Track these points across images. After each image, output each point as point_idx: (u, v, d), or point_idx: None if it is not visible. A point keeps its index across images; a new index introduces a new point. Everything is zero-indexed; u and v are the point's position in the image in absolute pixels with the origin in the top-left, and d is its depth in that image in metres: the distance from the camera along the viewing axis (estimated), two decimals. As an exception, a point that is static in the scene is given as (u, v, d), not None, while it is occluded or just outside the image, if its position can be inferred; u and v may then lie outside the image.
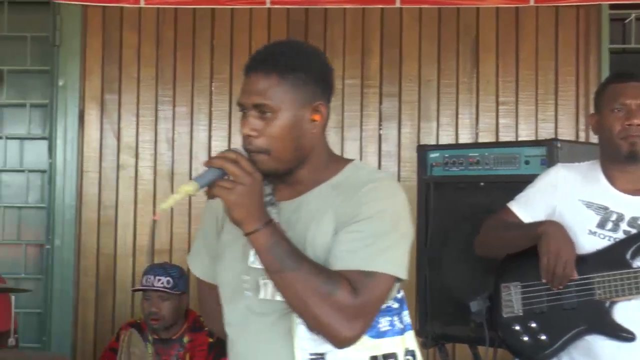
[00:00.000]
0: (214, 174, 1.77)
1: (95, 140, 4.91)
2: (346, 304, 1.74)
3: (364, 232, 1.80)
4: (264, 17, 4.79)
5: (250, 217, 1.76)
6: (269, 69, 1.87)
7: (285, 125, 1.85)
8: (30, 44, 5.03)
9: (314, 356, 1.82)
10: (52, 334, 4.85)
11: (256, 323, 1.91)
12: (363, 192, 1.85)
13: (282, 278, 1.76)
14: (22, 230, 5.08)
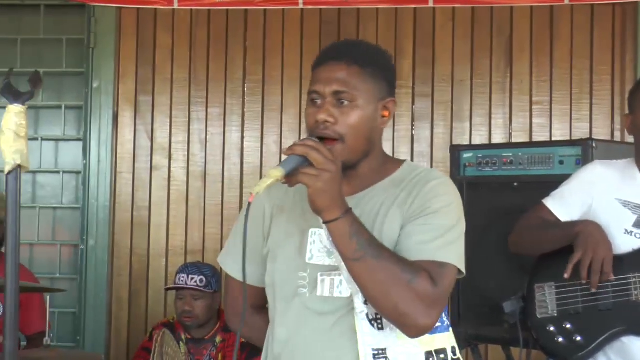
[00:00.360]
0: (297, 161, 1.77)
1: (129, 141, 4.94)
2: (426, 292, 1.78)
3: (434, 225, 1.86)
4: (297, 17, 4.79)
5: (333, 204, 1.77)
6: (350, 60, 1.93)
7: (362, 116, 1.91)
8: (65, 47, 5.07)
9: (376, 351, 1.86)
10: (86, 333, 4.89)
11: (314, 321, 1.93)
12: (429, 187, 1.91)
13: (363, 266, 1.77)
14: (57, 230, 5.13)
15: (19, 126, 1.53)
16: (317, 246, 1.94)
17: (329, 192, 1.76)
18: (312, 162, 1.76)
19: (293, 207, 2.02)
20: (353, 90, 1.90)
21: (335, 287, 1.90)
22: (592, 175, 2.73)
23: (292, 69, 4.78)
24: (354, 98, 1.90)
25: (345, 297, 1.88)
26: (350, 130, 1.89)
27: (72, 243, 5.05)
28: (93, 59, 4.95)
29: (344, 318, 1.89)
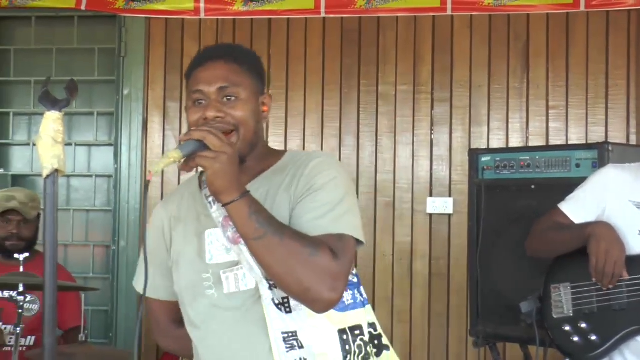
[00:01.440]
0: (195, 145, 1.78)
1: (158, 146, 4.95)
2: (328, 265, 1.76)
3: (323, 201, 1.86)
4: (319, 26, 4.79)
5: (231, 186, 1.78)
6: (228, 58, 1.97)
7: (248, 109, 1.94)
8: (97, 56, 5.11)
9: (285, 334, 1.84)
10: (119, 330, 4.91)
11: (224, 318, 1.92)
12: (311, 165, 1.92)
13: (264, 244, 1.76)
14: (90, 232, 5.16)
15: (56, 132, 1.52)
16: (215, 246, 1.94)
17: (227, 174, 1.77)
18: (209, 147, 1.77)
19: (187, 214, 2.03)
20: (236, 86, 1.93)
21: (240, 281, 1.89)
22: (606, 178, 2.71)
23: (314, 75, 4.79)
24: (238, 93, 1.93)
25: (251, 289, 1.87)
26: (241, 122, 1.91)
27: (104, 244, 5.08)
28: (123, 67, 4.98)
29: (254, 308, 1.87)
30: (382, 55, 4.73)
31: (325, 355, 1.84)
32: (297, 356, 1.82)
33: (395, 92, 4.71)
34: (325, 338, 1.85)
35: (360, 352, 1.88)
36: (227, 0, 4.77)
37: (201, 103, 1.92)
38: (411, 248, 4.63)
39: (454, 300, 4.55)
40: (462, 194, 4.48)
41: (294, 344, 1.83)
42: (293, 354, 1.82)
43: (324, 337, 1.85)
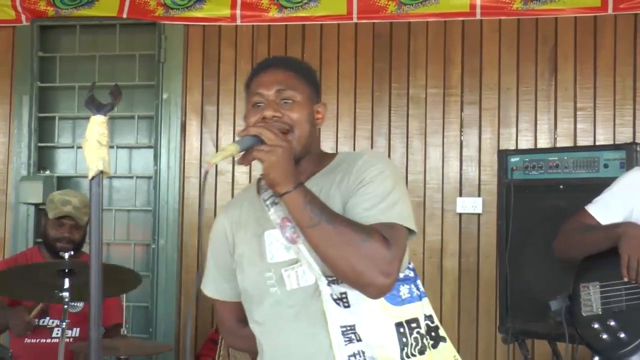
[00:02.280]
0: (252, 140, 1.84)
1: (196, 148, 4.98)
2: (380, 251, 1.79)
3: (373, 192, 1.89)
4: (351, 31, 4.79)
5: (286, 177, 1.82)
6: (286, 66, 2.05)
7: (304, 112, 1.99)
8: (138, 62, 5.14)
9: (344, 328, 1.85)
10: (158, 325, 4.94)
11: (287, 314, 1.94)
12: (361, 162, 1.97)
13: (319, 231, 1.80)
14: (131, 231, 5.20)
15: (101, 135, 1.53)
16: (274, 246, 1.96)
17: (282, 166, 1.82)
18: (265, 141, 1.82)
19: (247, 218, 2.06)
20: (292, 90, 1.98)
21: (300, 277, 1.92)
22: (634, 180, 2.69)
23: (347, 79, 4.79)
24: (294, 97, 1.98)
25: (311, 284, 1.90)
26: (296, 123, 1.96)
27: (144, 242, 5.11)
28: (163, 72, 5.01)
29: (314, 304, 1.90)
30: (413, 59, 4.72)
31: (383, 347, 1.86)
32: (355, 349, 1.84)
33: (426, 95, 4.70)
34: (383, 331, 1.87)
35: (417, 344, 1.90)
36: (262, 7, 4.79)
37: (260, 106, 1.98)
38: (441, 246, 4.61)
39: (483, 297, 4.53)
40: (491, 194, 4.45)
41: (352, 337, 1.85)
42: (351, 347, 1.84)
43: (382, 330, 1.87)
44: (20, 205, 5.15)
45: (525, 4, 4.49)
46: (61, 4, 5.07)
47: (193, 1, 4.87)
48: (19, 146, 5.21)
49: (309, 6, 4.74)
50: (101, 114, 1.55)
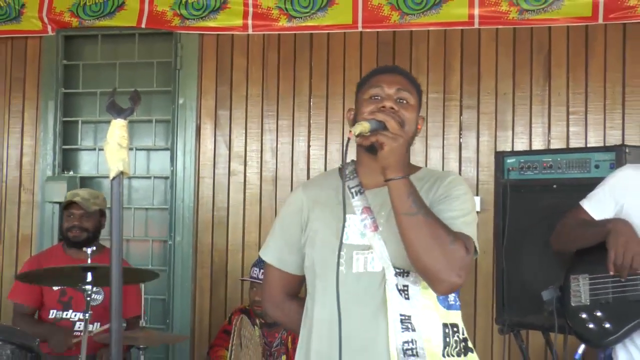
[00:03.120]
0: (377, 124, 1.89)
1: (210, 150, 5.00)
2: (461, 255, 1.85)
3: (458, 206, 1.96)
4: (357, 39, 4.79)
5: (399, 165, 1.88)
6: (404, 75, 2.13)
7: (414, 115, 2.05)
8: (155, 69, 5.16)
9: (403, 317, 1.90)
10: (175, 317, 4.95)
11: (351, 294, 1.96)
12: (449, 179, 2.03)
13: (415, 221, 1.84)
14: (149, 228, 5.21)
15: (121, 138, 1.53)
16: (351, 229, 2.00)
17: (399, 154, 1.87)
18: (387, 128, 1.87)
19: (328, 200, 2.09)
20: (409, 92, 2.05)
21: (368, 263, 1.96)
22: (624, 177, 2.69)
23: (352, 85, 4.72)
24: (409, 99, 2.04)
25: (377, 272, 1.94)
26: (407, 121, 2.00)
27: (161, 239, 5.12)
28: (179, 79, 5.02)
29: (377, 290, 1.94)
30: (415, 65, 4.72)
31: (430, 341, 1.91)
32: (409, 337, 1.89)
33: (427, 100, 4.68)
34: (433, 327, 1.93)
35: (456, 346, 1.96)
36: (273, 17, 4.80)
37: (377, 99, 2.03)
38: (442, 243, 4.61)
39: (480, 291, 4.53)
40: (489, 193, 4.46)
41: (408, 326, 1.90)
42: (406, 335, 1.89)
43: (432, 326, 1.93)
44: (46, 204, 5.17)
45: (521, 14, 4.49)
46: (84, 15, 5.08)
47: (207, 12, 4.88)
48: (45, 148, 5.24)
49: (316, 16, 4.74)
50: (121, 118, 1.55)
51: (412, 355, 1.88)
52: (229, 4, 4.84)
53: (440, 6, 4.59)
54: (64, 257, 4.20)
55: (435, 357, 1.91)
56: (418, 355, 1.88)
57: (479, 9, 4.53)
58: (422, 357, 1.89)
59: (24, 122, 5.31)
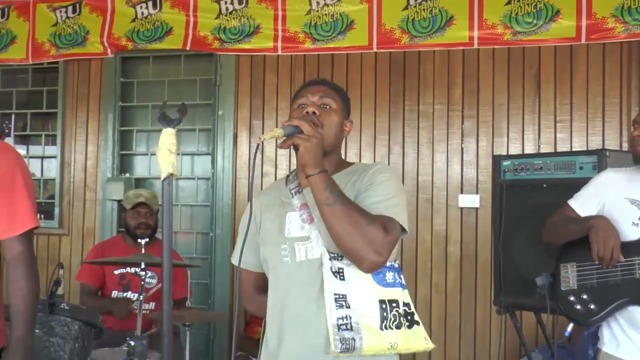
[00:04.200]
0: (293, 129, 1.87)
1: (245, 154, 5.02)
2: (379, 235, 1.82)
3: (381, 192, 1.93)
4: (372, 59, 4.79)
5: (315, 162, 1.86)
6: (327, 85, 2.10)
7: (335, 119, 2.03)
8: (198, 85, 5.18)
9: (337, 296, 1.86)
10: (215, 298, 4.98)
11: (296, 280, 1.96)
12: (373, 169, 1.99)
13: (333, 210, 1.82)
14: (193, 222, 5.23)
15: (171, 144, 1.54)
16: (292, 225, 1.99)
17: (313, 152, 1.85)
18: (303, 131, 1.86)
19: (274, 202, 2.09)
20: (330, 98, 2.04)
21: (308, 252, 1.94)
22: (606, 179, 2.67)
23: (368, 98, 4.79)
24: (331, 104, 2.04)
25: (316, 258, 1.92)
26: (328, 124, 1.99)
27: (203, 232, 5.14)
28: (218, 94, 5.04)
29: (316, 273, 1.91)
30: (422, 81, 4.72)
31: (366, 316, 1.86)
32: (343, 313, 1.84)
33: (433, 111, 4.69)
34: (368, 304, 1.87)
35: (395, 320, 1.89)
36: (299, 40, 4.81)
37: (303, 107, 2.03)
38: (446, 235, 4.60)
39: (480, 277, 4.51)
40: (487, 191, 4.45)
41: (342, 304, 1.85)
42: (341, 312, 1.84)
43: (367, 303, 1.87)
44: (107, 201, 5.23)
45: (514, 36, 4.46)
46: (138, 39, 5.14)
47: (243, 36, 4.90)
48: (105, 154, 5.29)
49: (337, 39, 4.75)
50: (171, 127, 1.55)
51: (346, 329, 1.83)
52: (261, 29, 4.86)
53: (444, 30, 4.58)
54: (123, 247, 4.23)
55: (372, 330, 1.86)
56: (352, 329, 1.84)
57: (478, 31, 4.51)
58: (357, 331, 1.84)
59: (87, 131, 5.36)
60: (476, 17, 4.51)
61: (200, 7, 4.98)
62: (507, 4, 4.47)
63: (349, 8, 4.72)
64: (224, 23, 4.93)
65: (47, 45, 5.29)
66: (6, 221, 2.25)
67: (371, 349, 1.85)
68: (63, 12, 5.26)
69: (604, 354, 2.58)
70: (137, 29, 5.12)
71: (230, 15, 4.91)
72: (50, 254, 5.33)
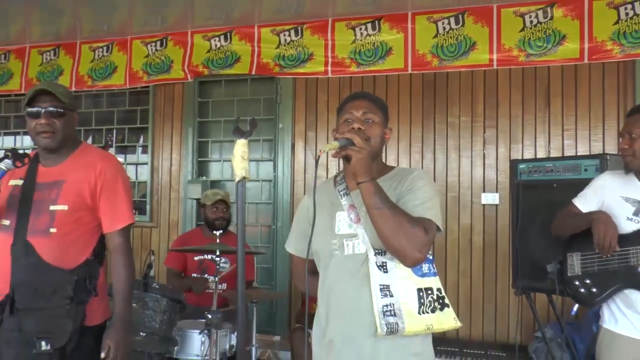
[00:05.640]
0: (345, 141, 1.81)
1: (301, 161, 5.05)
2: (420, 236, 1.76)
3: (419, 197, 1.86)
4: (407, 79, 4.79)
5: (366, 171, 1.79)
6: (368, 99, 2.01)
7: (378, 131, 1.95)
8: (262, 103, 5.22)
9: (382, 286, 1.83)
10: (277, 280, 5.02)
11: (344, 271, 1.91)
12: (413, 175, 1.92)
13: (382, 213, 1.76)
14: (258, 217, 5.25)
15: (243, 152, 1.54)
16: (341, 223, 1.94)
17: (364, 163, 1.79)
18: (355, 143, 1.80)
19: (325, 202, 2.02)
20: (372, 113, 1.95)
21: (355, 247, 1.89)
22: (604, 181, 2.63)
23: (404, 113, 4.79)
24: (374, 118, 1.95)
25: (362, 253, 1.87)
26: (373, 136, 1.92)
27: (267, 225, 5.18)
28: (279, 110, 5.08)
29: (362, 266, 1.87)
30: (450, 97, 4.70)
31: (407, 304, 1.83)
32: (387, 301, 1.82)
33: (459, 122, 4.67)
34: (408, 292, 1.84)
35: (430, 305, 1.86)
36: (346, 65, 4.83)
37: (349, 121, 1.95)
38: (471, 227, 4.58)
39: (500, 263, 4.48)
40: (505, 190, 4.42)
41: (386, 293, 1.82)
42: (385, 300, 1.82)
43: (407, 292, 1.84)
44: (187, 199, 5.31)
45: (527, 57, 4.42)
46: (212, 66, 5.20)
47: (299, 62, 4.94)
48: (186, 160, 5.37)
49: (377, 63, 4.76)
50: (243, 138, 1.54)
51: (390, 315, 1.80)
52: (314, 56, 4.89)
53: (468, 53, 4.56)
54: (201, 237, 4.27)
55: (412, 315, 1.82)
56: (395, 315, 1.80)
57: (497, 54, 4.48)
58: (399, 316, 1.80)
59: (172, 142, 5.46)
60: (495, 43, 4.49)
61: (264, 39, 5.03)
62: (521, 31, 4.44)
63: (388, 37, 4.73)
64: (283, 52, 4.97)
65: (141, 73, 5.40)
66: (109, 218, 2.37)
67: (411, 330, 1.82)
68: (153, 46, 5.38)
69: (605, 330, 2.56)
70: (212, 58, 5.19)
71: (288, 45, 4.96)
72: (143, 242, 5.44)
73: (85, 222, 2.34)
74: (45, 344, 2.17)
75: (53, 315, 2.21)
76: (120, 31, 5.31)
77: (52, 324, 2.20)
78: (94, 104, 5.73)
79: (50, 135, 2.33)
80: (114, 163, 2.44)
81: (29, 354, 2.17)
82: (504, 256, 4.41)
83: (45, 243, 2.25)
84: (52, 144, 2.34)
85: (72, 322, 2.22)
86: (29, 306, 2.20)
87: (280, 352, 4.49)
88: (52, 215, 2.28)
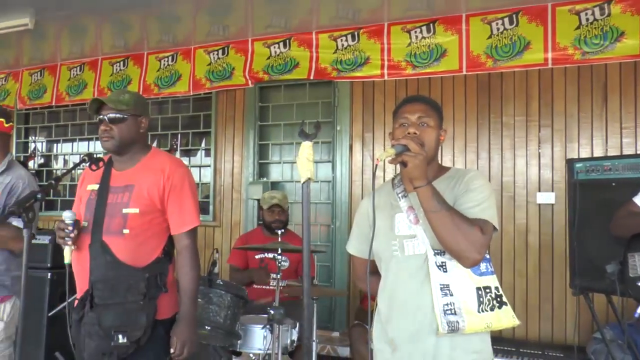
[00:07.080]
0: (402, 148, 1.81)
1: (359, 161, 5.05)
2: (477, 237, 1.76)
3: (476, 197, 1.85)
4: (462, 80, 4.74)
5: (422, 176, 1.79)
6: (424, 102, 1.99)
7: (434, 134, 1.94)
8: (320, 106, 5.25)
9: (442, 285, 1.83)
10: (336, 278, 5.02)
11: (405, 271, 1.91)
12: (468, 177, 1.90)
13: (439, 216, 1.77)
14: (318, 216, 5.27)
15: (309, 154, 1.54)
16: (401, 224, 1.94)
17: (421, 168, 1.78)
18: (410, 149, 1.79)
19: (384, 204, 2.02)
20: (428, 117, 1.93)
21: (415, 247, 1.89)
22: None
23: (459, 113, 4.74)
24: (429, 122, 1.93)
25: (422, 253, 1.87)
26: (427, 141, 1.91)
27: (326, 224, 5.20)
28: (336, 113, 5.09)
29: (422, 266, 1.87)
30: (504, 97, 4.62)
31: (466, 302, 1.83)
32: (448, 300, 1.82)
33: (514, 121, 4.58)
34: (467, 291, 1.84)
35: (489, 303, 1.86)
36: (401, 67, 4.80)
37: (405, 126, 1.94)
38: (526, 227, 4.49)
39: (556, 263, 4.37)
40: (561, 190, 4.31)
41: (447, 292, 1.83)
42: (445, 299, 1.82)
43: (467, 291, 1.84)
44: (249, 200, 5.37)
45: (583, 55, 4.29)
46: (272, 72, 5.24)
47: (356, 66, 4.93)
48: (248, 162, 5.44)
49: (433, 65, 4.71)
50: (308, 140, 1.55)
51: (451, 313, 1.80)
52: (370, 60, 4.88)
53: (522, 53, 4.46)
54: (262, 236, 4.34)
55: (471, 313, 1.82)
56: (456, 313, 1.80)
57: (552, 53, 4.37)
58: (460, 315, 1.80)
59: (234, 145, 5.54)
60: (550, 42, 4.37)
61: (321, 45, 5.05)
62: (577, 29, 4.31)
63: (442, 39, 4.69)
64: (340, 56, 4.98)
65: (203, 80, 5.49)
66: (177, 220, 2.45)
67: (471, 328, 1.82)
68: (215, 54, 5.46)
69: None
70: (272, 64, 5.23)
71: (345, 50, 4.96)
72: (206, 241, 5.55)
73: (155, 223, 2.42)
74: (122, 337, 2.26)
75: (128, 310, 2.30)
76: (184, 41, 5.44)
77: (127, 319, 2.29)
78: (160, 111, 5.89)
79: (109, 140, 2.47)
80: (182, 168, 2.52)
81: (108, 345, 2.27)
82: (560, 256, 4.30)
83: (119, 243, 2.35)
84: (110, 147, 2.48)
85: (145, 316, 2.31)
86: (106, 302, 2.30)
87: (339, 348, 4.50)
88: (125, 217, 2.38)
